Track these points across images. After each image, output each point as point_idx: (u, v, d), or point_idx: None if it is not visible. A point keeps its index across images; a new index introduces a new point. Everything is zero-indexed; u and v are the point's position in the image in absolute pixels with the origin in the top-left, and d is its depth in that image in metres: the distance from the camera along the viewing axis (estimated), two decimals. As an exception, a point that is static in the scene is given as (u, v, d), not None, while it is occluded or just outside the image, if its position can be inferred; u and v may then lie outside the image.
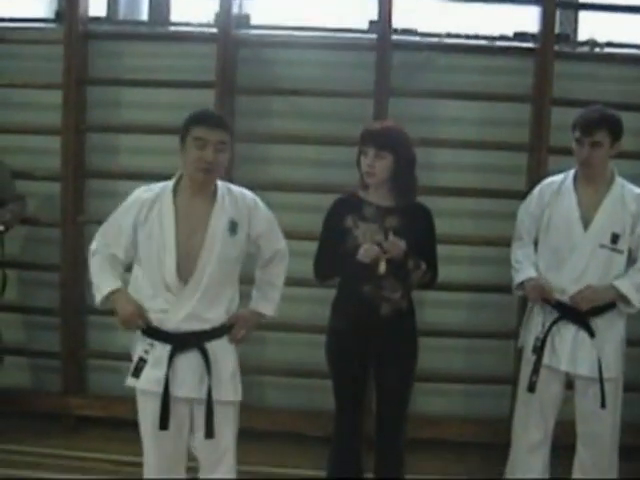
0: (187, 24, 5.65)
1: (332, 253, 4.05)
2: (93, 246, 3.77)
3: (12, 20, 5.64)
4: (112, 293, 3.67)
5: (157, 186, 3.70)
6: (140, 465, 3.86)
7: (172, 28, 5.73)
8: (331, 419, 4.23)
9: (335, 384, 4.17)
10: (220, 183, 3.70)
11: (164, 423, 3.59)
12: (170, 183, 3.67)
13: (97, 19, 5.64)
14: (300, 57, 5.47)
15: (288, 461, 5.13)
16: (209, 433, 3.62)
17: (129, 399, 5.22)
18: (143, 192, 3.69)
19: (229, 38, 5.31)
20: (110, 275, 3.70)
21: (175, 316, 3.58)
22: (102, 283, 3.70)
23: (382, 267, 3.82)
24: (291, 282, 4.08)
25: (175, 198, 3.62)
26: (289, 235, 4.03)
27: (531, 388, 4.26)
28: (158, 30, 5.71)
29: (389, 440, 4.18)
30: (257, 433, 3.96)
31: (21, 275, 5.75)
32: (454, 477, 5.09)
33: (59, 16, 5.58)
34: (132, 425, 4.41)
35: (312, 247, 4.16)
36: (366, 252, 3.83)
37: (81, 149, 5.54)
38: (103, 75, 5.58)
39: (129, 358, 5.03)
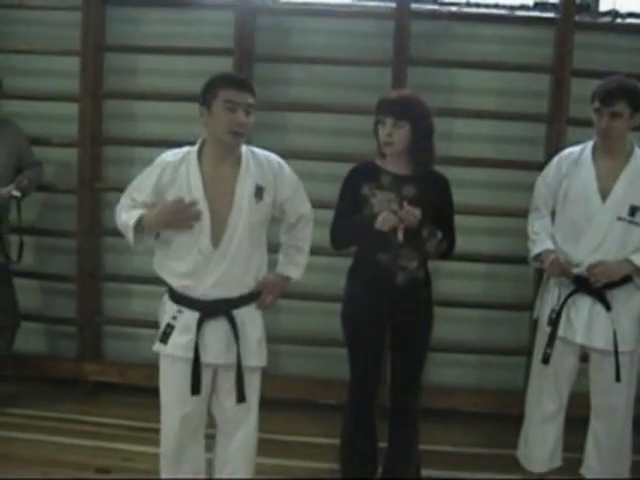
0: (205, -9, 5.62)
1: (349, 221, 4.04)
2: (119, 207, 3.76)
3: (30, -14, 5.63)
4: (141, 217, 3.61)
5: (181, 150, 3.67)
6: (155, 431, 3.89)
7: (190, -5, 5.70)
8: (345, 387, 4.24)
9: (350, 352, 4.18)
10: (244, 147, 3.69)
11: (196, 388, 3.61)
12: (194, 148, 3.65)
13: (115, -15, 5.62)
14: (318, 25, 5.45)
15: (302, 429, 5.17)
16: (241, 397, 3.66)
17: (144, 365, 5.32)
18: (167, 156, 3.68)
19: (247, 5, 5.30)
20: (136, 212, 3.64)
21: (204, 282, 3.60)
22: (130, 219, 3.63)
23: (400, 235, 3.82)
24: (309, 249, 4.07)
25: (200, 164, 3.60)
26: (306, 204, 4.02)
27: (545, 360, 4.25)
28: (177, -3, 5.68)
29: (404, 409, 4.20)
30: (271, 401, 3.97)
31: (38, 241, 5.77)
32: (467, 447, 5.10)
33: (77, -18, 5.57)
34: (147, 391, 4.45)
35: (329, 216, 4.15)
36: (384, 221, 3.82)
37: (98, 116, 5.55)
38: (121, 42, 5.57)
39: (144, 325, 5.10)
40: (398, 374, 4.18)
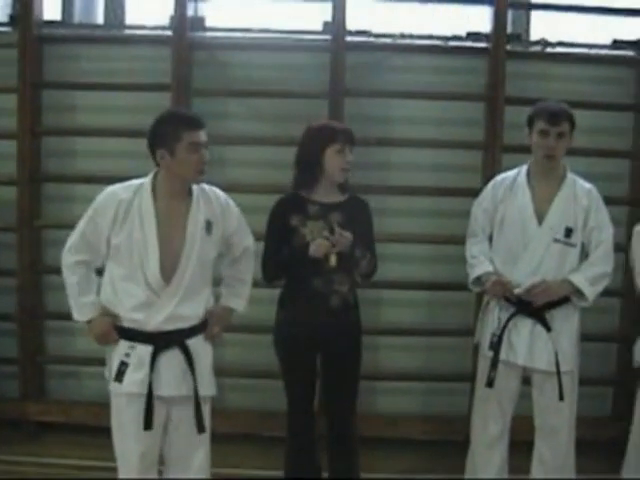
0: (142, 27, 5.62)
1: (280, 253, 4.12)
2: (68, 259, 3.74)
3: (-34, 25, 5.60)
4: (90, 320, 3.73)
5: (131, 185, 3.69)
6: (101, 469, 3.87)
7: (127, 31, 5.70)
8: (289, 419, 4.28)
9: (286, 375, 4.25)
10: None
11: (149, 423, 3.61)
12: (146, 183, 3.68)
13: (52, 22, 5.59)
14: (255, 59, 5.48)
15: (248, 462, 5.14)
16: (201, 428, 3.70)
17: (89, 404, 5.26)
18: (118, 192, 3.67)
19: (184, 41, 5.31)
20: (89, 301, 3.74)
21: (157, 316, 3.62)
22: (81, 309, 3.74)
23: (333, 260, 3.94)
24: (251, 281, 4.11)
25: (154, 199, 3.64)
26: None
27: (490, 383, 4.30)
28: (113, 33, 5.68)
29: (341, 435, 4.24)
30: (216, 435, 3.96)
31: (-23, 281, 5.69)
32: (414, 475, 5.10)
33: (13, 20, 5.55)
34: (93, 430, 4.41)
35: (265, 248, 4.21)
36: (318, 247, 3.92)
37: (37, 153, 5.51)
38: (58, 79, 5.55)
39: (88, 362, 5.05)
40: (333, 398, 4.24)
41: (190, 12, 5.38)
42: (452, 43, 5.51)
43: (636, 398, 4.53)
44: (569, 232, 4.24)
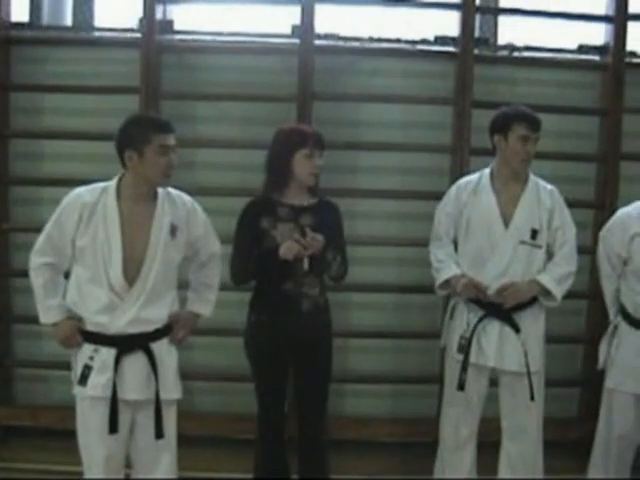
0: (111, 29, 5.61)
1: (249, 256, 4.11)
2: (35, 261, 3.76)
3: None
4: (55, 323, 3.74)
5: (96, 188, 3.72)
6: (69, 474, 3.85)
7: (96, 33, 5.67)
8: (260, 422, 4.28)
9: (257, 379, 4.24)
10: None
11: (114, 426, 3.61)
12: (111, 186, 3.70)
13: (20, 24, 5.57)
14: (224, 62, 5.49)
15: (217, 465, 5.13)
16: (159, 433, 3.69)
17: (57, 408, 5.23)
18: (83, 194, 3.70)
19: (153, 43, 5.29)
20: (55, 303, 3.74)
21: (121, 319, 3.63)
22: (47, 312, 3.75)
23: (306, 263, 3.96)
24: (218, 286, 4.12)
25: (118, 202, 3.65)
26: (213, 239, 4.05)
27: (461, 387, 4.32)
28: (82, 35, 5.64)
29: (311, 438, 4.24)
30: (185, 438, 3.97)
31: (-56, 284, 5.64)
32: (383, 476, 5.13)
33: (-20, 22, 5.52)
34: (61, 434, 4.38)
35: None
36: (288, 249, 3.92)
37: (5, 156, 5.47)
38: (26, 81, 5.51)
39: (57, 366, 5.02)
40: (304, 401, 4.24)
41: (159, 15, 5.36)
42: (420, 47, 5.54)
43: (602, 399, 4.59)
44: (535, 234, 4.30)
